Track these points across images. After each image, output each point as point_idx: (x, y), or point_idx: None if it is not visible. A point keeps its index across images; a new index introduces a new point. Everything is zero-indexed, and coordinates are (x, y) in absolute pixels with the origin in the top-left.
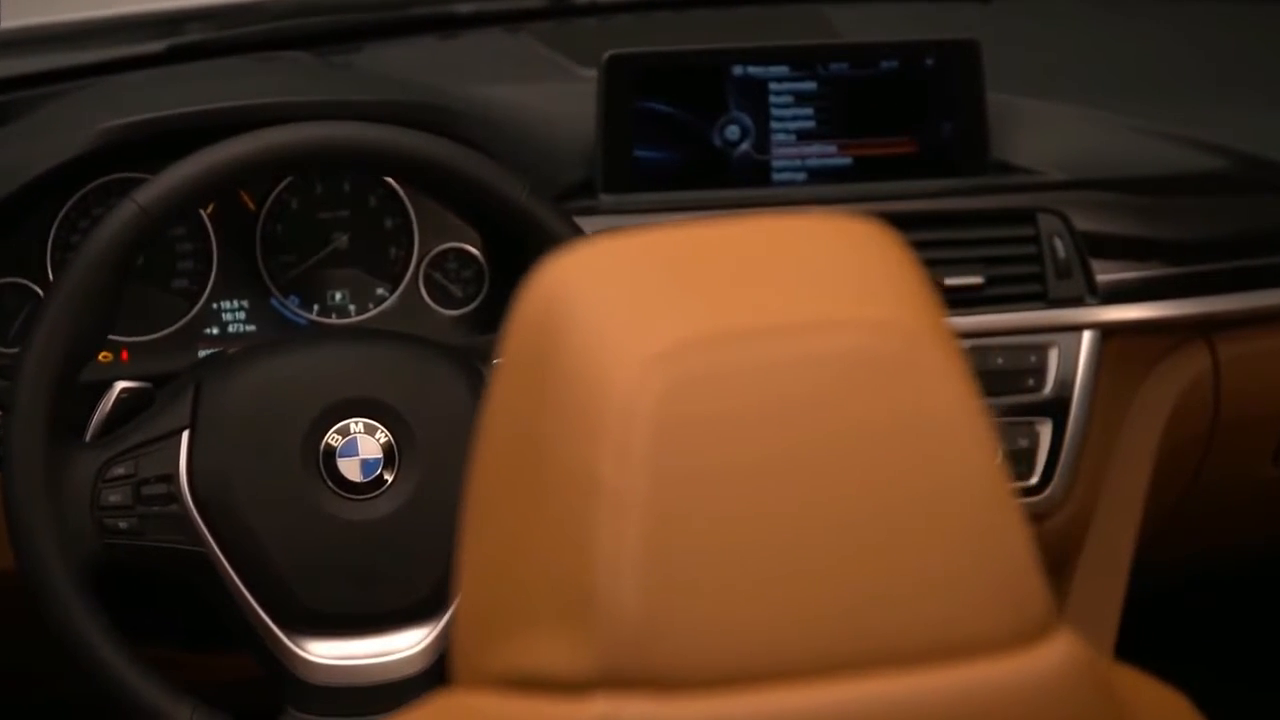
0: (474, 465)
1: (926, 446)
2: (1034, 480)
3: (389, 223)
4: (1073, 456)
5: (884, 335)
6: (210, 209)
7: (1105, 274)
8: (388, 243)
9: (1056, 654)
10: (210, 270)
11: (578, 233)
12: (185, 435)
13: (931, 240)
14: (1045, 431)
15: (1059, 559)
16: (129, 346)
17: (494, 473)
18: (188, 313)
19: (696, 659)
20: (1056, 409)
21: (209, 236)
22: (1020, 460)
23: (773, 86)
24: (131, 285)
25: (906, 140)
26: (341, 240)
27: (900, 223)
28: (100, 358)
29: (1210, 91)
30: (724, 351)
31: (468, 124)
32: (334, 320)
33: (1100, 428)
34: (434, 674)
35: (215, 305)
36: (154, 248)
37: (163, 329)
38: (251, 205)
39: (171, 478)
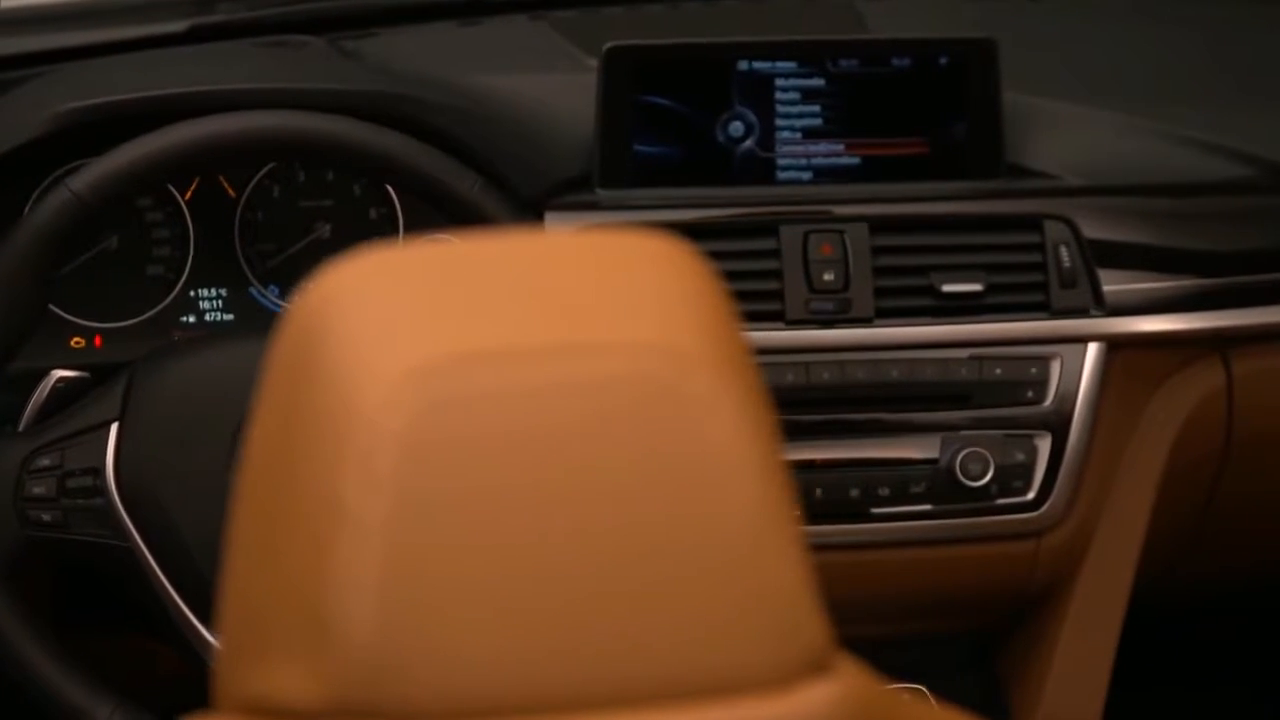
0: (238, 480)
1: (692, 479)
2: (1030, 495)
3: (373, 213)
4: (1073, 472)
5: (654, 360)
6: (188, 195)
7: (1114, 284)
8: (371, 233)
9: (825, 694)
10: (187, 257)
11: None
12: (114, 428)
13: (930, 245)
14: (1044, 446)
15: (1058, 577)
16: (103, 333)
17: (251, 489)
18: (163, 300)
19: (433, 692)
20: (1057, 423)
21: (187, 223)
22: (1016, 475)
23: (779, 82)
24: (107, 270)
25: (917, 140)
26: (324, 230)
27: (898, 226)
28: (73, 343)
29: (1240, 96)
30: (481, 372)
31: (442, 115)
32: None
33: (1105, 444)
34: None
35: (192, 293)
36: (130, 232)
37: (137, 316)
38: (231, 192)
39: (98, 471)
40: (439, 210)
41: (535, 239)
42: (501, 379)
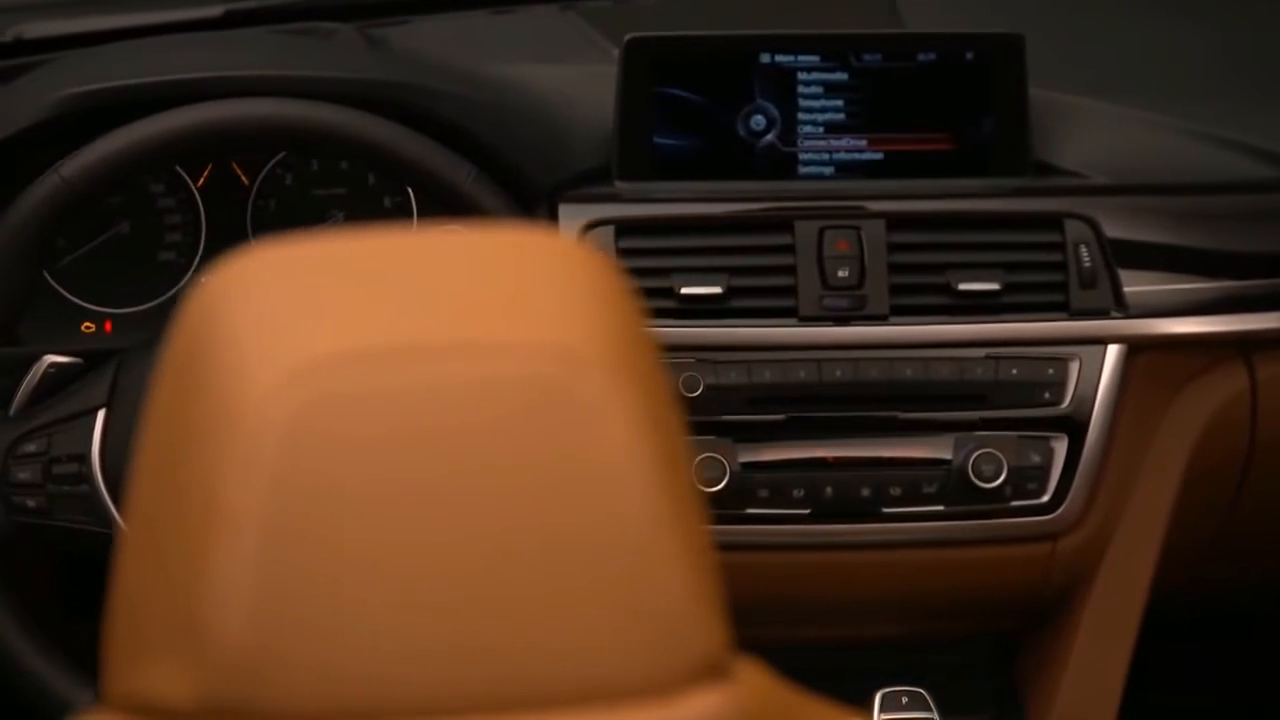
0: (133, 471)
1: (579, 483)
2: (1045, 498)
3: (387, 201)
4: (1090, 475)
5: (545, 362)
6: (201, 181)
7: (1136, 285)
8: (385, 221)
9: (711, 702)
10: (199, 244)
11: (523, 223)
12: (101, 415)
13: (948, 243)
14: (1060, 448)
15: (1075, 581)
16: (113, 318)
17: (140, 486)
18: (174, 286)
19: (305, 694)
20: (1074, 425)
21: (199, 209)
22: (1031, 477)
23: (801, 76)
24: (119, 256)
25: (942, 136)
26: (337, 217)
27: (916, 223)
28: (84, 328)
29: (1264, 94)
30: (366, 370)
31: (448, 104)
32: None
33: (1123, 447)
34: None
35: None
36: (142, 217)
37: (148, 301)
38: (244, 179)
39: (84, 457)
40: (434, 201)
41: (438, 235)
42: (387, 377)
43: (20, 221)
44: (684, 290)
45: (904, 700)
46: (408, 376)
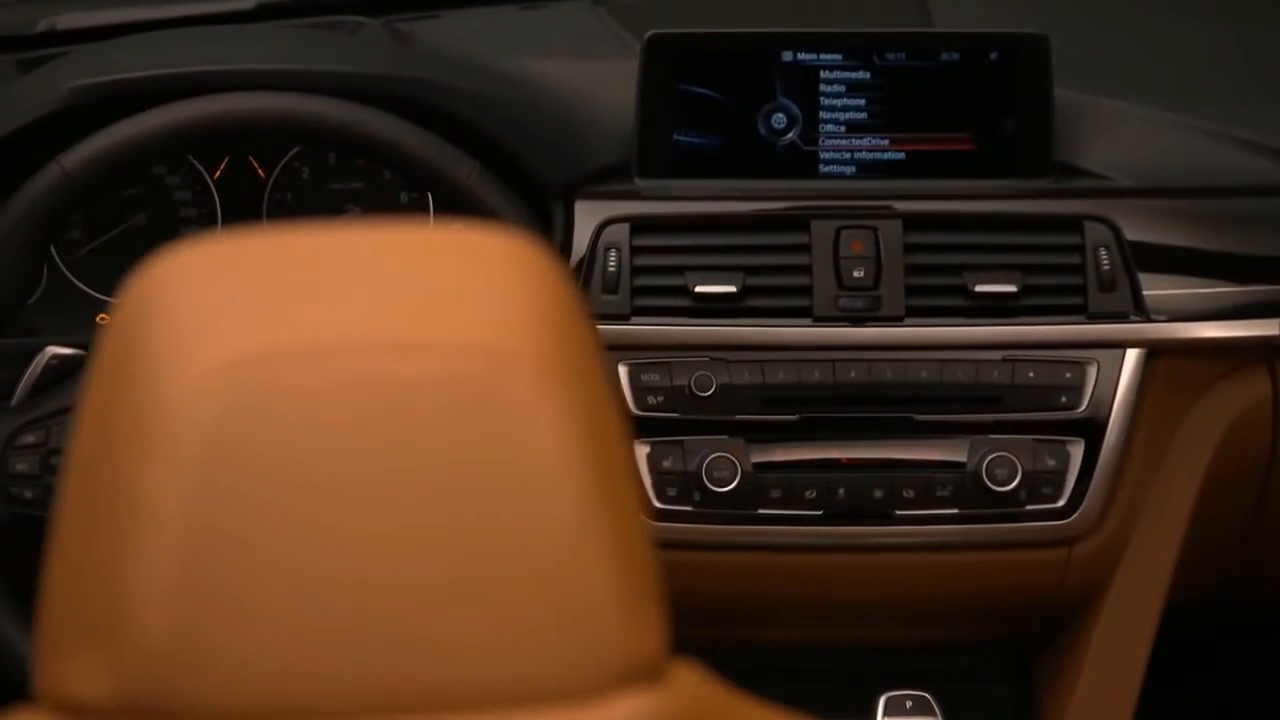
0: (64, 466)
1: (506, 485)
2: (1061, 503)
3: (404, 196)
4: (1106, 481)
5: (476, 362)
6: (217, 174)
7: (1156, 289)
8: (403, 216)
9: (638, 706)
10: None
11: (523, 218)
12: None
13: (965, 244)
14: (1076, 452)
15: (1092, 587)
16: None
17: (71, 479)
18: None
19: (223, 692)
20: (1091, 429)
21: (215, 202)
22: (1046, 481)
23: (824, 75)
24: (134, 247)
25: (965, 137)
26: (354, 212)
27: (933, 224)
28: (99, 319)
29: None
30: (294, 367)
31: (458, 100)
32: None
33: (1141, 452)
34: None
35: None
36: (158, 209)
37: None
38: (261, 172)
39: None
40: (436, 196)
41: (379, 232)
42: (313, 375)
43: (20, 213)
44: (698, 289)
45: (908, 704)
46: (335, 374)
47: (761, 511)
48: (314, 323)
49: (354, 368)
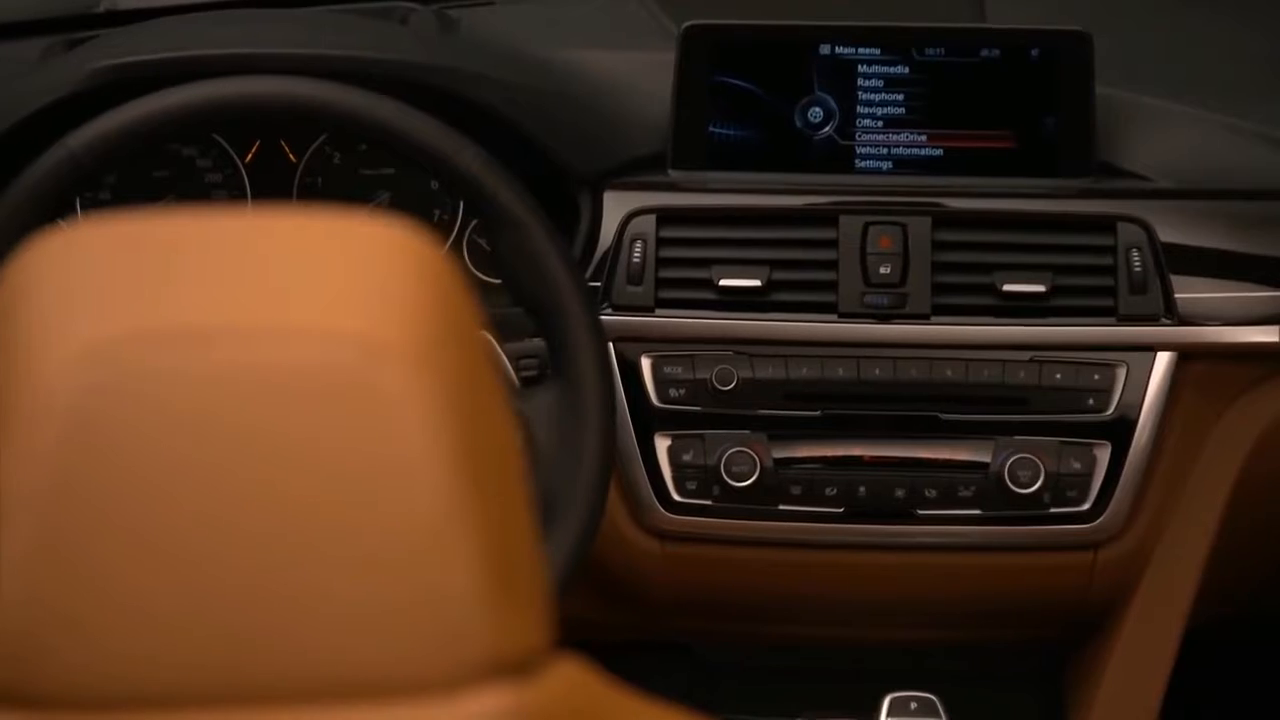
0: None
1: (368, 475)
2: (1086, 506)
3: (434, 182)
4: (1133, 485)
5: (346, 350)
6: (249, 157)
7: (1190, 292)
8: (432, 204)
9: (494, 702)
10: None
11: (528, 206)
12: None
13: (995, 243)
14: (1103, 456)
15: (1118, 592)
16: None
17: None
18: None
19: (68, 680)
20: (1118, 433)
21: (245, 186)
22: (1071, 484)
23: (861, 69)
24: None
25: (1004, 134)
26: (384, 199)
27: (963, 222)
28: None
29: None
30: (157, 352)
31: (483, 88)
32: None
33: (1170, 457)
34: None
35: None
36: (188, 193)
37: None
38: (292, 157)
39: None
40: (440, 183)
41: (263, 218)
42: (176, 361)
43: (26, 194)
44: (723, 282)
45: (912, 706)
46: (199, 359)
47: (781, 508)
48: (182, 307)
49: (219, 353)
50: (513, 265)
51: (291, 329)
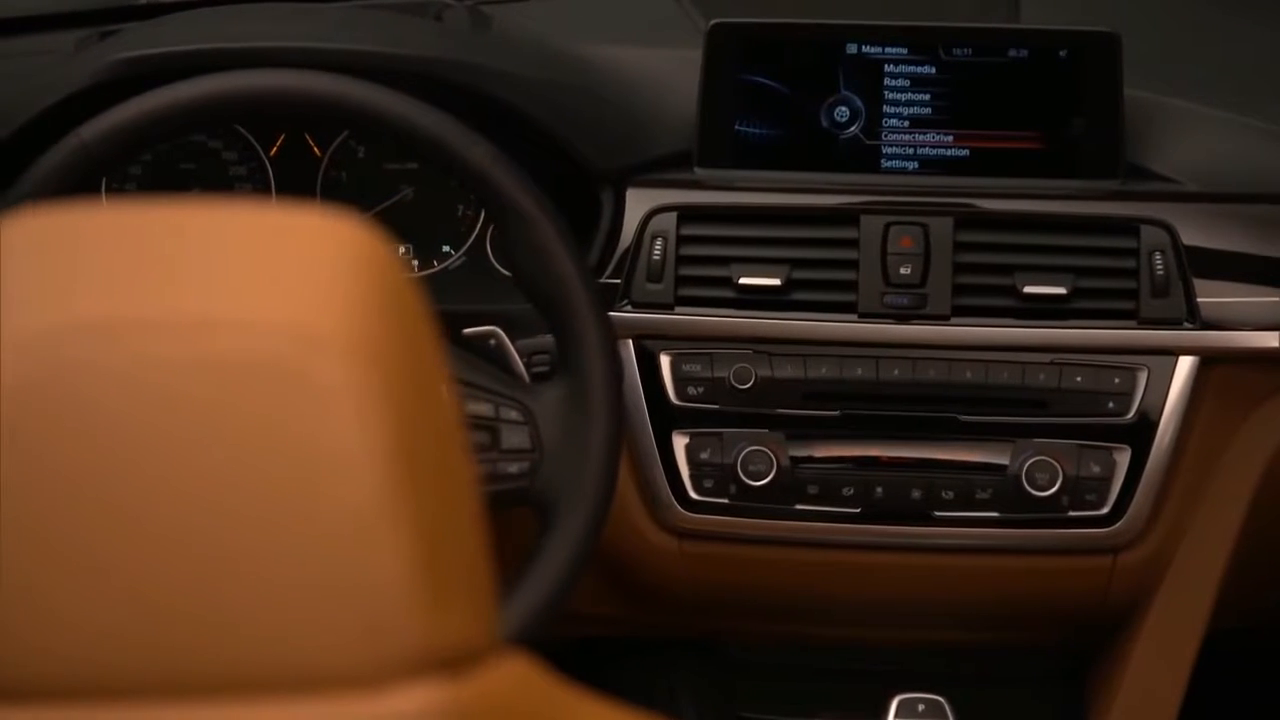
0: None
1: (299, 468)
2: (1104, 510)
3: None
4: (1153, 490)
5: (281, 342)
6: (274, 150)
7: (1213, 296)
8: (456, 199)
9: (423, 697)
10: None
11: (537, 201)
12: None
13: (1016, 244)
14: (1123, 460)
15: (1138, 596)
16: None
17: None
18: None
19: (16, 667)
20: (1138, 437)
21: (269, 179)
22: (1090, 488)
23: (888, 69)
24: None
25: (1031, 135)
26: (407, 193)
27: (985, 223)
28: None
29: None
30: (89, 345)
31: (503, 85)
32: None
33: (1191, 462)
34: None
35: None
36: (213, 185)
37: None
38: (316, 150)
39: None
40: (450, 177)
41: (206, 210)
42: (111, 350)
43: (37, 184)
44: (742, 280)
45: (920, 708)
46: (133, 350)
47: (798, 507)
48: (119, 298)
49: (154, 344)
50: (521, 260)
51: (227, 320)
